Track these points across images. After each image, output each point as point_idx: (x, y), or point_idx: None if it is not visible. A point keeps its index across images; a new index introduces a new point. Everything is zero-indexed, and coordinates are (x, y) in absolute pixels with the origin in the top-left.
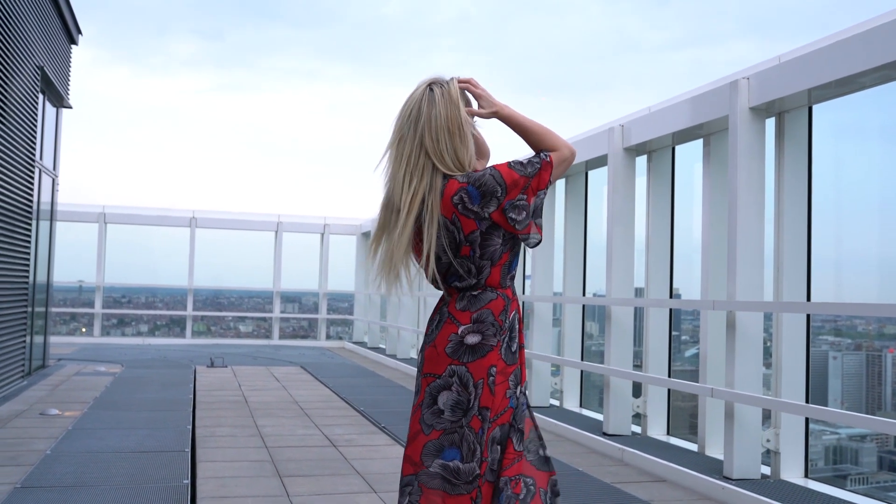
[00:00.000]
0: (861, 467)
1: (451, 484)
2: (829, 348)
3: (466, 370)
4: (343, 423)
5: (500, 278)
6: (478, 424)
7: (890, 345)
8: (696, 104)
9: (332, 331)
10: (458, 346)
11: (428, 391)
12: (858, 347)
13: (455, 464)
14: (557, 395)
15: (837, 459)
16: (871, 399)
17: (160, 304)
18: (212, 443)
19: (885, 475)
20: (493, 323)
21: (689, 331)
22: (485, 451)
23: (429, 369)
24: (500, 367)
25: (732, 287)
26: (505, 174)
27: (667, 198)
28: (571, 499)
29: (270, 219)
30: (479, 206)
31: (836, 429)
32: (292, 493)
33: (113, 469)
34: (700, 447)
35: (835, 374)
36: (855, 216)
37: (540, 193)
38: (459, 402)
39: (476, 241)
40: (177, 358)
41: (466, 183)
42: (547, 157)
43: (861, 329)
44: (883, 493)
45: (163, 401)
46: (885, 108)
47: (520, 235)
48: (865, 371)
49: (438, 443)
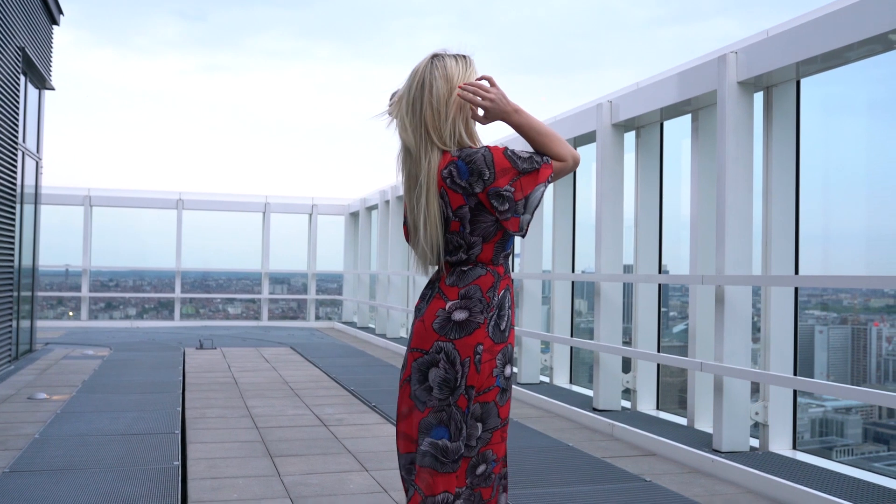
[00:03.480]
0: (846, 439)
1: (440, 462)
2: (815, 322)
3: (453, 347)
4: (333, 403)
5: (492, 255)
6: (464, 403)
7: (874, 318)
8: (684, 79)
9: (321, 311)
10: (445, 321)
11: (415, 366)
12: (844, 321)
13: (444, 442)
14: (547, 372)
15: (823, 432)
16: (857, 371)
17: (148, 287)
18: (202, 424)
19: (870, 446)
20: (480, 299)
21: (677, 307)
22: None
23: (416, 344)
24: (488, 344)
25: (721, 261)
26: (497, 159)
27: (655, 174)
28: (562, 473)
29: (258, 200)
30: (466, 182)
31: (823, 401)
32: (283, 473)
33: (102, 452)
34: (689, 421)
35: (821, 348)
36: (842, 190)
37: (536, 189)
38: (447, 380)
39: (465, 217)
40: (165, 340)
41: (457, 157)
42: (548, 161)
43: (847, 303)
44: (868, 463)
45: (152, 383)
46: (873, 83)
47: (503, 226)
48: (851, 344)
49: (429, 421)
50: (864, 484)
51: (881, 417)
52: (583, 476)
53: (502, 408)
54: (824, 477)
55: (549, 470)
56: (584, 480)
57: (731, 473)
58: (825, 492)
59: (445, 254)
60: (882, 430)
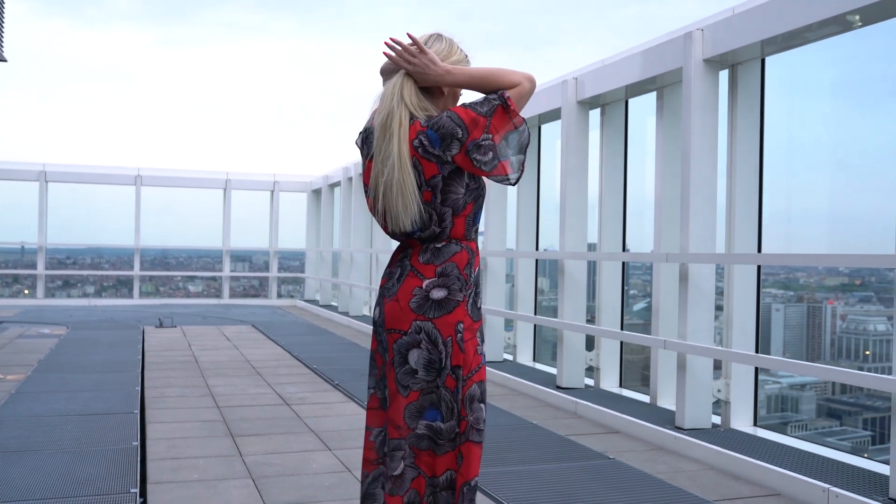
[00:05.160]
0: (801, 415)
1: (437, 444)
2: (772, 300)
3: (433, 326)
4: (296, 382)
5: (464, 230)
6: (452, 384)
7: (829, 297)
8: (650, 56)
9: (282, 289)
10: (423, 300)
11: (396, 349)
12: (800, 299)
13: (437, 424)
14: (511, 350)
15: (779, 407)
16: (812, 349)
17: (106, 265)
18: (161, 403)
19: (824, 421)
20: (458, 277)
21: (637, 285)
22: (462, 410)
23: (392, 325)
24: (468, 323)
25: (685, 239)
26: (462, 114)
27: (620, 152)
28: (527, 451)
29: (219, 176)
30: (440, 150)
31: (779, 378)
32: (245, 453)
33: (59, 433)
34: (652, 398)
35: (777, 326)
36: (805, 170)
37: (518, 130)
38: (432, 362)
39: (438, 186)
40: (124, 319)
41: (426, 127)
42: (504, 93)
43: (803, 282)
44: (822, 438)
45: (110, 362)
46: (836, 63)
47: (492, 177)
48: (806, 322)
49: (419, 404)
50: (819, 458)
51: (834, 393)
52: (547, 454)
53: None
54: (783, 452)
55: (514, 448)
56: (548, 458)
57: (693, 450)
58: (785, 467)
59: (417, 229)
60: (835, 405)
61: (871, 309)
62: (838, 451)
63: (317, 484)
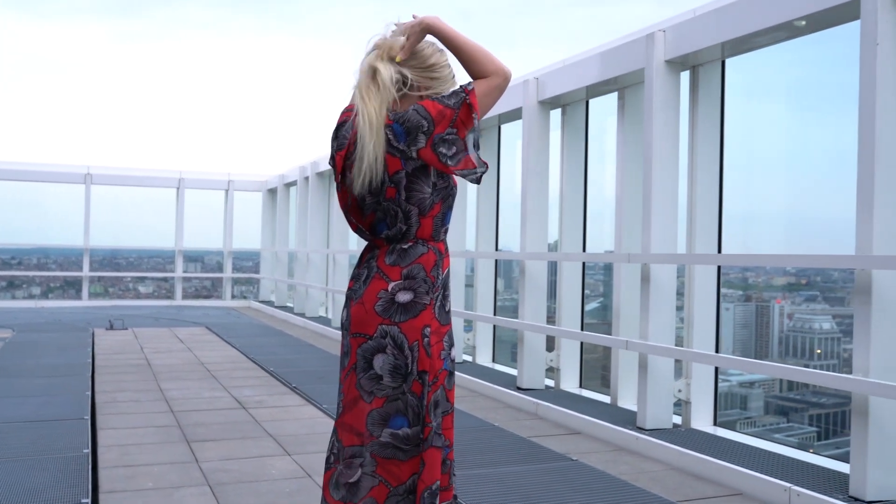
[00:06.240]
0: (749, 412)
1: (403, 451)
2: (721, 300)
3: (399, 331)
4: (252, 385)
5: (432, 230)
6: (419, 388)
7: (777, 296)
8: (611, 57)
9: (235, 290)
10: (388, 304)
11: (360, 353)
12: (749, 299)
13: (404, 431)
14: (470, 351)
15: (729, 405)
16: (760, 347)
17: (53, 266)
18: (113, 409)
19: (772, 418)
20: (424, 279)
21: (590, 285)
22: (427, 416)
23: (357, 329)
24: (434, 326)
25: (648, 240)
26: (429, 107)
27: (581, 152)
28: (490, 453)
29: (172, 175)
30: (405, 145)
31: (728, 376)
32: (202, 459)
33: (6, 440)
34: (612, 399)
35: (727, 325)
36: (764, 173)
37: (476, 126)
38: (398, 367)
39: (401, 182)
40: (73, 321)
41: (392, 121)
42: (469, 87)
43: (751, 281)
44: (770, 434)
45: (59, 366)
46: (791, 68)
47: (457, 172)
48: (755, 321)
49: (384, 411)
50: (780, 457)
51: (781, 391)
52: (510, 456)
53: (450, 391)
54: (744, 452)
55: (476, 450)
56: (512, 461)
57: (655, 451)
58: (747, 467)
59: (383, 227)
60: (782, 402)
61: (817, 308)
62: (800, 451)
63: (277, 490)
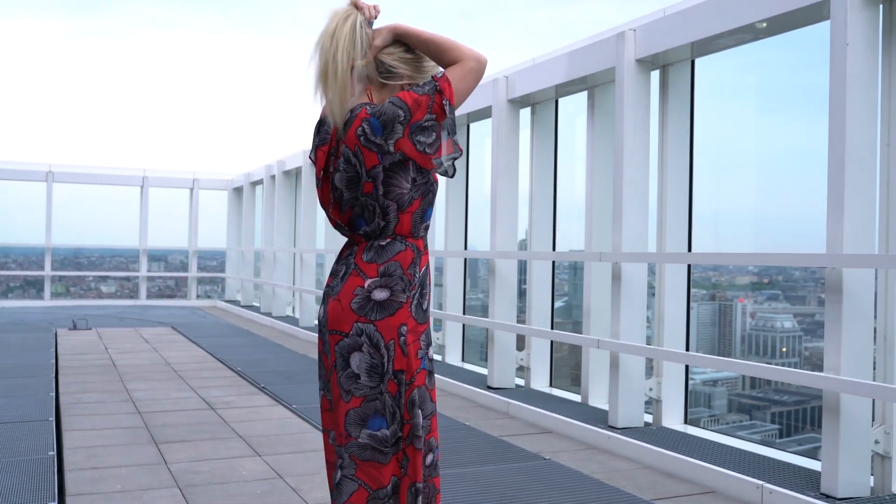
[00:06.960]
0: (713, 410)
1: (382, 453)
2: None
3: (375, 329)
4: (220, 385)
5: (411, 227)
6: (395, 388)
7: (740, 295)
8: (581, 56)
9: (199, 289)
10: (364, 301)
11: (338, 351)
12: (712, 298)
13: (383, 432)
14: (440, 350)
15: (693, 403)
16: (724, 345)
17: (13, 265)
18: (78, 410)
19: (734, 416)
20: (401, 277)
21: (555, 285)
22: (405, 414)
23: (334, 326)
24: (411, 325)
25: (618, 239)
26: (404, 97)
27: (550, 151)
28: (460, 454)
29: (135, 173)
30: (381, 138)
31: (693, 374)
32: (170, 461)
33: None
34: (583, 398)
35: (692, 323)
36: (733, 172)
37: (449, 112)
38: (374, 366)
39: (378, 177)
40: (35, 321)
41: (370, 115)
42: (439, 74)
43: (714, 280)
44: (733, 431)
45: (21, 367)
46: (757, 69)
47: (433, 161)
48: (718, 320)
49: (361, 411)
50: (751, 455)
51: (744, 389)
52: (483, 456)
53: (432, 391)
54: (716, 450)
55: (449, 450)
56: (485, 460)
57: (627, 449)
58: (718, 465)
59: (361, 223)
60: (745, 400)
61: (779, 307)
62: (770, 448)
63: (247, 492)
